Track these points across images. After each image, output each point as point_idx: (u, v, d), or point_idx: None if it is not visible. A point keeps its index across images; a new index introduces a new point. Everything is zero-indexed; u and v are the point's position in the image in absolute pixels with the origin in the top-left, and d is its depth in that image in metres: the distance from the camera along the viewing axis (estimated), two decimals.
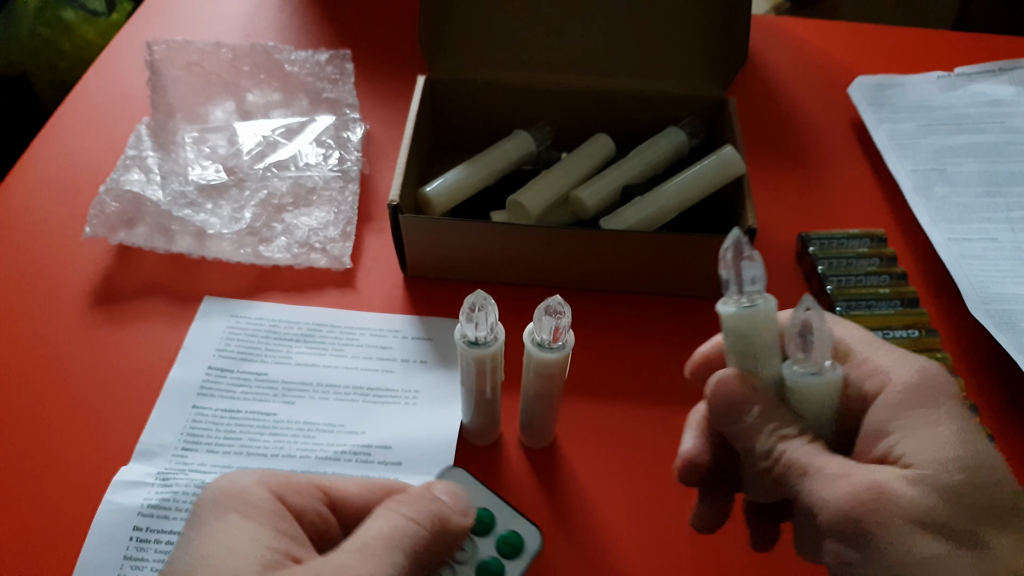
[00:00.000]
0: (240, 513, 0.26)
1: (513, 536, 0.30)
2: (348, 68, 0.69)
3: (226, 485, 0.27)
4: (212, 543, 0.25)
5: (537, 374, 0.40)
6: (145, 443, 0.45)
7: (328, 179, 0.59)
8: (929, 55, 0.76)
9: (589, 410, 0.48)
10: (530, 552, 0.30)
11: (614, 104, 0.60)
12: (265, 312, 0.53)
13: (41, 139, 0.64)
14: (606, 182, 0.55)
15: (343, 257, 0.55)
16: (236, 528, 0.25)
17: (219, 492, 0.27)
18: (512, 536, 0.30)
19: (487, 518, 0.30)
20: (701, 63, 0.59)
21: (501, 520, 0.30)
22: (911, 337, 0.51)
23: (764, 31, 0.80)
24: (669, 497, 0.45)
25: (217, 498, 0.27)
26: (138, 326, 0.52)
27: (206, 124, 0.63)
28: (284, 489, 0.27)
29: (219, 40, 0.69)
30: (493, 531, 0.30)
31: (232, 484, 0.27)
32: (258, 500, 0.26)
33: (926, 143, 0.64)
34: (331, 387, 0.49)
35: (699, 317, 0.54)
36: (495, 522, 0.30)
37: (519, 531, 0.30)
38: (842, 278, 0.54)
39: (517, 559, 0.29)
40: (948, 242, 0.56)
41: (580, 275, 0.54)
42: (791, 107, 0.71)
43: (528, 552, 0.30)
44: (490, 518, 0.30)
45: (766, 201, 0.61)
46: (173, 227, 0.54)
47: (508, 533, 0.30)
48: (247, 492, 0.27)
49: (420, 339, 0.52)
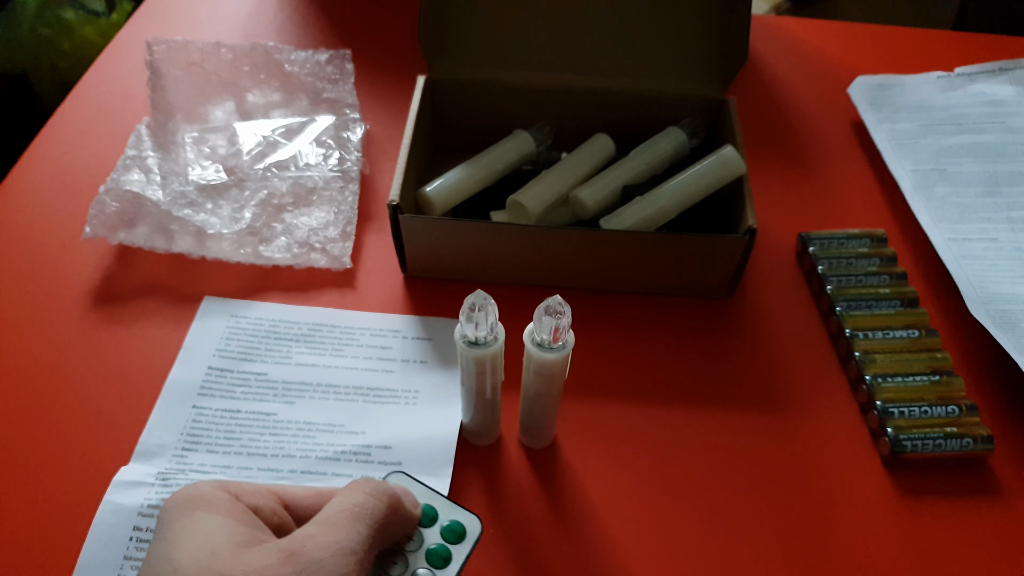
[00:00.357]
0: (204, 510, 0.29)
1: (456, 524, 0.34)
2: (348, 68, 0.69)
3: (186, 491, 0.30)
4: (185, 534, 0.28)
5: (537, 374, 0.40)
6: (145, 443, 0.45)
7: (328, 179, 0.59)
8: (929, 55, 0.76)
9: (589, 410, 0.48)
10: (472, 536, 0.34)
11: (614, 104, 0.60)
12: (265, 312, 0.53)
13: (41, 139, 0.64)
14: (606, 182, 0.55)
15: (343, 257, 0.55)
16: (204, 520, 0.28)
17: (182, 496, 0.30)
18: (454, 524, 0.34)
19: (431, 512, 0.34)
20: (701, 63, 0.59)
21: (443, 513, 0.34)
22: (911, 337, 0.51)
23: (764, 31, 0.80)
24: (669, 497, 0.45)
25: (181, 502, 0.29)
26: (138, 326, 0.52)
27: (206, 124, 0.63)
28: (239, 491, 0.31)
29: (219, 40, 0.69)
30: (437, 522, 0.34)
31: (192, 489, 0.30)
32: (218, 499, 0.30)
33: (926, 143, 0.64)
34: (331, 387, 0.49)
35: (699, 317, 0.54)
36: (438, 515, 0.34)
37: (460, 520, 0.34)
38: (842, 278, 0.54)
39: (461, 544, 0.34)
40: (948, 242, 0.56)
41: (580, 275, 0.54)
42: (791, 107, 0.71)
43: (470, 536, 0.34)
44: (433, 512, 0.34)
45: (766, 201, 0.61)
46: (173, 227, 0.54)
47: (451, 523, 0.34)
48: (207, 494, 0.30)
49: (420, 339, 0.52)
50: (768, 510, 0.44)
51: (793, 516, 0.44)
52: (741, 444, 0.47)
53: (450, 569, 0.33)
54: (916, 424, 0.46)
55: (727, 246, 0.50)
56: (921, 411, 0.47)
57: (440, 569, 0.33)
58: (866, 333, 0.51)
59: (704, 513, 0.44)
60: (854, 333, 0.51)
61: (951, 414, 0.47)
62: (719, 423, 0.48)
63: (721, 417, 0.48)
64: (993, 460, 0.47)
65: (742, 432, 0.48)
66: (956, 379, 0.49)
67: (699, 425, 0.48)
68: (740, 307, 0.55)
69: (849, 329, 0.51)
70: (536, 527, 0.43)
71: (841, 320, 0.52)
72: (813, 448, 0.47)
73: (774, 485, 0.45)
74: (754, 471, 0.46)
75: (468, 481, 0.45)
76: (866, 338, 0.51)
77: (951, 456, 0.46)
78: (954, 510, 0.45)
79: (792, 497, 0.45)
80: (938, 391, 0.48)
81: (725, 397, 0.50)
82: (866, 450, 0.47)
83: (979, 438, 0.46)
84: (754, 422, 0.48)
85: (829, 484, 0.46)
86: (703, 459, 0.46)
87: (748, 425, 0.48)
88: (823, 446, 0.47)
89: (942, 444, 0.45)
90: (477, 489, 0.45)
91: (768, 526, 0.44)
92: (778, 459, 0.47)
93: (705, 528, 0.44)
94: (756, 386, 0.50)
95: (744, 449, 0.47)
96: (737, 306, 0.55)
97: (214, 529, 0.28)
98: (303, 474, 0.44)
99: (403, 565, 0.33)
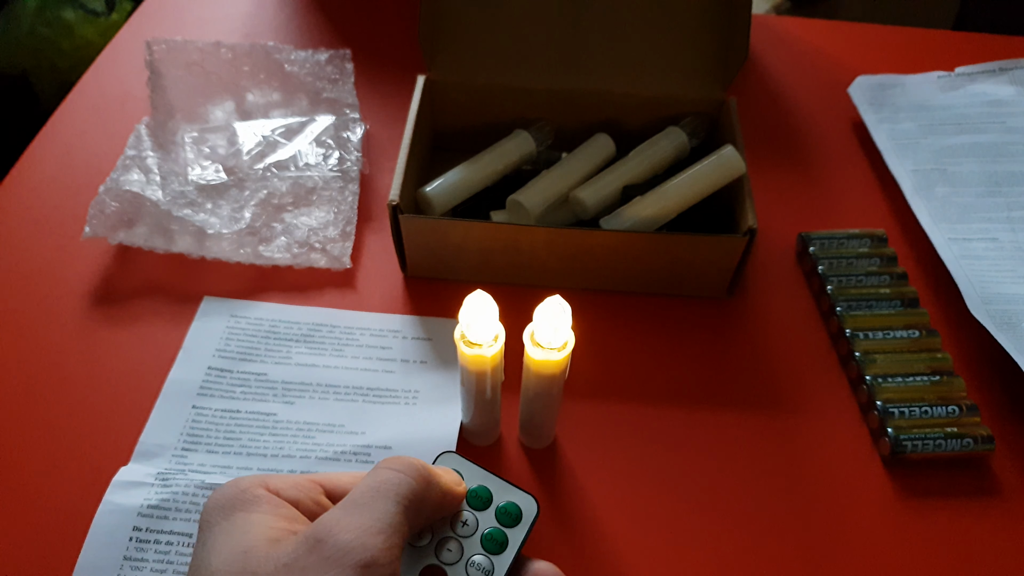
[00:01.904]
0: (244, 510, 0.29)
1: (511, 506, 0.33)
2: (348, 68, 0.69)
3: (227, 490, 0.30)
4: (223, 537, 0.28)
5: (537, 374, 0.40)
6: (145, 443, 0.45)
7: (328, 179, 0.59)
8: (929, 55, 0.76)
9: (589, 410, 0.48)
10: (528, 519, 0.33)
11: (614, 104, 0.60)
12: (265, 312, 0.53)
13: (41, 139, 0.64)
14: (606, 182, 0.55)
15: (343, 257, 0.55)
16: (243, 521, 0.29)
17: (222, 496, 0.30)
18: (510, 506, 0.33)
19: (484, 494, 0.33)
20: (701, 63, 0.59)
21: (498, 494, 0.33)
22: (911, 337, 0.51)
23: (764, 31, 0.80)
24: (669, 497, 0.45)
25: (221, 502, 0.30)
26: (138, 326, 0.52)
27: (206, 124, 0.63)
28: (280, 485, 0.31)
29: (219, 40, 0.69)
30: (491, 504, 0.33)
31: (233, 487, 0.30)
32: (256, 497, 0.30)
33: (926, 143, 0.64)
34: (331, 387, 0.49)
35: (699, 317, 0.54)
36: (492, 496, 0.33)
37: (516, 501, 0.33)
38: (842, 278, 0.54)
39: (517, 527, 0.32)
40: (948, 242, 0.56)
41: (580, 275, 0.54)
42: (791, 107, 0.71)
43: (526, 519, 0.33)
44: (487, 494, 0.33)
45: (766, 201, 0.61)
46: (173, 227, 0.54)
47: (506, 504, 0.33)
48: (246, 492, 0.30)
49: (420, 339, 0.52)
50: (768, 510, 0.44)
51: (793, 516, 0.44)
52: (741, 444, 0.47)
53: (507, 554, 0.32)
54: (916, 424, 0.46)
55: (727, 246, 0.50)
56: (921, 411, 0.47)
57: (496, 555, 0.31)
58: (866, 333, 0.51)
59: (704, 513, 0.44)
60: (854, 333, 0.51)
61: (951, 414, 0.47)
62: (719, 423, 0.48)
63: (721, 417, 0.48)
64: (993, 460, 0.47)
65: (742, 432, 0.48)
66: (956, 379, 0.49)
67: (699, 425, 0.48)
68: (740, 307, 0.55)
69: (849, 329, 0.51)
70: (536, 527, 0.43)
71: (841, 320, 0.52)
72: (813, 448, 0.47)
73: (774, 485, 0.45)
74: (754, 471, 0.46)
75: None
76: (866, 338, 0.51)
77: (951, 456, 0.46)
78: (954, 510, 0.45)
79: (792, 497, 0.45)
80: (938, 391, 0.48)
81: (725, 397, 0.49)
82: (866, 450, 0.47)
83: (979, 438, 0.46)
84: (754, 422, 0.48)
85: (829, 484, 0.46)
86: (703, 459, 0.46)
87: (748, 425, 0.48)
88: (823, 446, 0.47)
89: (942, 444, 0.45)
90: None
91: (768, 526, 0.44)
92: (778, 459, 0.47)
93: (705, 528, 0.44)
94: (756, 386, 0.50)
95: (744, 449, 0.47)
96: (737, 306, 0.55)
97: (250, 528, 0.28)
98: (302, 474, 0.44)
99: (458, 551, 0.32)
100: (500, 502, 0.33)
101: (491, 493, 0.33)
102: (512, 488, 0.33)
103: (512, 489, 0.33)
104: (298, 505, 0.30)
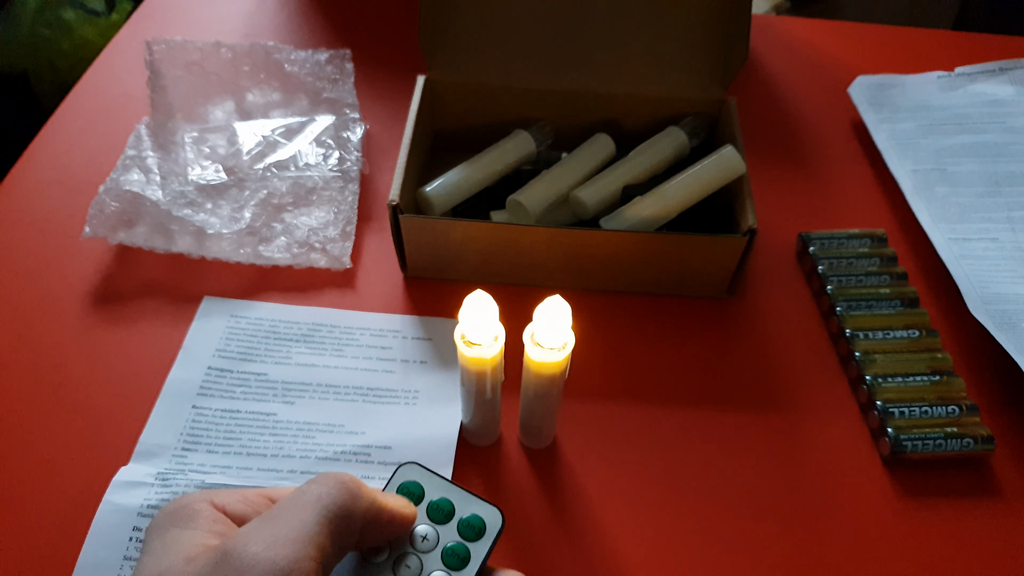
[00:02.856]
0: (177, 526, 0.28)
1: (474, 519, 0.32)
2: (348, 68, 0.69)
3: (170, 506, 0.29)
4: (151, 555, 0.28)
5: (537, 374, 0.40)
6: (145, 443, 0.45)
7: (328, 179, 0.59)
8: (929, 55, 0.76)
9: (589, 410, 0.48)
10: (492, 532, 0.31)
11: (614, 104, 0.60)
12: (265, 312, 0.53)
13: (41, 139, 0.64)
14: (606, 182, 0.55)
15: (343, 257, 0.55)
16: (172, 538, 0.28)
17: (163, 513, 0.29)
18: (473, 519, 0.32)
19: (446, 507, 0.32)
20: (701, 63, 0.59)
21: (460, 507, 0.32)
22: (911, 337, 0.51)
23: (764, 31, 0.80)
24: (669, 497, 0.45)
25: (160, 519, 0.29)
26: (138, 326, 0.52)
27: (206, 124, 0.63)
28: (227, 500, 0.30)
29: (219, 40, 0.69)
30: (454, 518, 0.32)
31: (175, 503, 0.29)
32: (195, 512, 0.29)
33: (926, 143, 0.64)
34: (331, 387, 0.49)
35: (699, 317, 0.54)
36: (455, 509, 0.32)
37: (479, 513, 0.32)
38: (842, 278, 0.54)
39: (480, 540, 0.31)
40: (948, 242, 0.56)
41: (580, 275, 0.54)
42: (791, 107, 0.71)
43: (490, 532, 0.31)
44: (448, 506, 0.32)
45: (766, 201, 0.61)
46: (173, 227, 0.54)
47: (469, 516, 0.32)
48: (187, 508, 0.29)
49: (420, 339, 0.52)
50: (768, 510, 0.44)
51: (793, 516, 0.44)
52: (741, 444, 0.47)
53: (468, 569, 0.30)
54: (916, 424, 0.46)
55: (727, 246, 0.50)
56: (921, 411, 0.47)
57: (457, 570, 0.30)
58: (866, 333, 0.51)
59: (704, 513, 0.44)
60: (854, 333, 0.51)
61: (951, 414, 0.47)
62: (719, 423, 0.48)
63: (721, 417, 0.48)
64: (993, 460, 0.47)
65: (742, 432, 0.48)
66: (956, 379, 0.49)
67: (699, 425, 0.48)
68: (740, 307, 0.55)
69: (849, 329, 0.51)
70: (536, 527, 0.43)
71: (841, 320, 0.52)
72: (813, 448, 0.47)
73: (774, 485, 0.45)
74: (754, 471, 0.46)
75: (468, 482, 0.45)
76: (866, 338, 0.51)
77: (951, 456, 0.46)
78: (954, 510, 0.45)
79: (792, 497, 0.45)
80: (938, 391, 0.48)
81: (725, 397, 0.49)
82: (866, 450, 0.47)
83: (979, 438, 0.46)
84: (754, 422, 0.48)
85: (829, 484, 0.46)
86: (703, 459, 0.46)
87: (748, 425, 0.48)
88: (823, 446, 0.47)
89: (942, 444, 0.45)
90: (477, 490, 0.45)
91: (768, 526, 0.44)
92: (778, 459, 0.47)
93: (705, 528, 0.44)
94: (756, 386, 0.50)
95: (744, 449, 0.47)
96: (737, 306, 0.55)
97: (173, 546, 0.27)
98: (303, 474, 0.44)
99: (417, 567, 0.30)
100: (463, 515, 0.32)
101: (453, 506, 0.32)
102: (476, 500, 0.32)
103: (476, 501, 0.32)
104: (243, 521, 0.29)
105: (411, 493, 0.32)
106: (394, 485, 0.33)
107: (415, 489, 0.33)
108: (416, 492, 0.32)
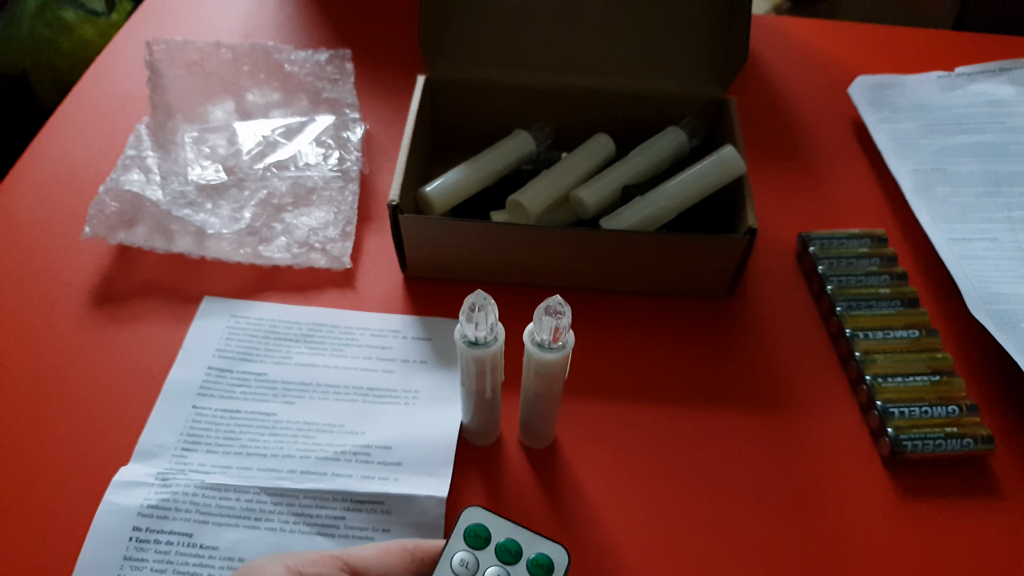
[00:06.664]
0: None
1: (542, 558, 0.32)
2: (348, 68, 0.69)
3: (244, 569, 0.30)
4: None
5: (537, 374, 0.40)
6: (145, 443, 0.45)
7: (328, 179, 0.59)
8: (929, 55, 0.76)
9: (589, 410, 0.48)
10: (560, 569, 0.32)
11: (614, 104, 0.60)
12: (265, 312, 0.53)
13: (41, 139, 0.64)
14: (606, 182, 0.55)
15: (343, 257, 0.55)
16: None
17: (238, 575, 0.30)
18: (541, 558, 0.32)
19: (513, 547, 0.32)
20: (701, 63, 0.59)
21: (527, 546, 0.32)
22: (911, 337, 0.51)
23: (764, 31, 0.80)
24: (669, 497, 0.45)
25: None
26: (138, 326, 0.52)
27: (206, 124, 0.63)
28: (301, 563, 0.30)
29: (219, 40, 0.69)
30: (522, 557, 0.32)
31: (249, 567, 0.30)
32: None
33: (926, 143, 0.64)
34: (331, 387, 0.49)
35: (699, 317, 0.54)
36: (522, 550, 0.32)
37: (547, 552, 0.32)
38: (842, 278, 0.54)
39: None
40: (948, 242, 0.56)
41: (580, 275, 0.54)
42: (791, 107, 0.71)
43: (558, 570, 0.32)
44: (516, 547, 0.32)
45: (766, 201, 0.61)
46: (173, 227, 0.54)
47: (537, 556, 0.32)
48: (261, 571, 0.30)
49: (420, 339, 0.52)
50: (768, 510, 0.44)
51: (793, 516, 0.44)
52: (741, 444, 0.47)
53: None
54: (916, 424, 0.46)
55: (727, 246, 0.50)
56: (921, 411, 0.47)
57: None
58: (866, 333, 0.51)
59: (704, 512, 0.44)
60: (854, 333, 0.51)
61: (951, 414, 0.47)
62: (719, 423, 0.48)
63: (721, 417, 0.48)
64: (993, 460, 0.47)
65: (742, 432, 0.48)
66: (956, 379, 0.49)
67: (699, 425, 0.48)
68: (740, 307, 0.55)
69: (849, 329, 0.51)
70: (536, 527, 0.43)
71: (841, 320, 0.52)
72: (813, 448, 0.47)
73: (774, 485, 0.45)
74: (754, 471, 0.46)
75: (468, 481, 0.45)
76: (866, 338, 0.51)
77: (951, 456, 0.46)
78: (954, 510, 0.45)
79: (792, 497, 0.45)
80: (938, 391, 0.48)
81: (725, 397, 0.49)
82: (866, 450, 0.47)
83: (979, 438, 0.46)
84: (754, 422, 0.48)
85: (829, 484, 0.46)
86: (703, 459, 0.46)
87: (748, 425, 0.48)
88: (823, 446, 0.47)
89: (942, 444, 0.45)
90: (477, 489, 0.45)
91: (768, 526, 0.44)
92: (778, 459, 0.47)
93: (705, 527, 0.44)
94: (756, 386, 0.50)
95: (744, 449, 0.47)
96: (737, 306, 0.55)
97: None
98: (303, 474, 0.44)
99: None
100: (530, 554, 0.32)
101: (520, 546, 0.32)
102: (541, 539, 0.33)
103: (541, 540, 0.33)
104: None
105: (478, 536, 0.33)
106: (460, 529, 0.33)
107: (481, 532, 0.33)
108: (483, 535, 0.33)
